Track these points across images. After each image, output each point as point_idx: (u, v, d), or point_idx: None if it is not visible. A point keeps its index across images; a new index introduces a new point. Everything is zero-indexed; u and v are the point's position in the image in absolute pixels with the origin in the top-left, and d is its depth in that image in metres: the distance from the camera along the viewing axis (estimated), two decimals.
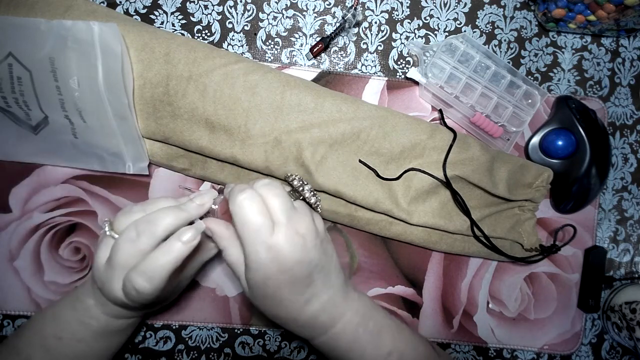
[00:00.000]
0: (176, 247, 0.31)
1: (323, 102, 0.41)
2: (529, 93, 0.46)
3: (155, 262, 0.31)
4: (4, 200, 0.44)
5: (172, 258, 0.31)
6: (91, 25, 0.36)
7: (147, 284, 0.31)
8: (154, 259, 0.31)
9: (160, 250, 0.31)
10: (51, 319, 0.37)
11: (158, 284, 0.31)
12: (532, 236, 0.46)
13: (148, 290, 0.31)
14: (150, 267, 0.31)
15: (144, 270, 0.31)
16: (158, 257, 0.31)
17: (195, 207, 0.34)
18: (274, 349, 0.47)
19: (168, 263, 0.31)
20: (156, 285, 0.31)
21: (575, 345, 0.49)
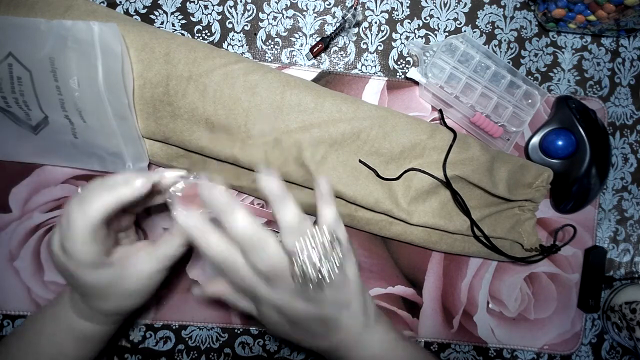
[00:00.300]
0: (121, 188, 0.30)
1: (323, 102, 0.41)
2: (529, 93, 0.46)
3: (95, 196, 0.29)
4: (4, 200, 0.44)
5: (113, 197, 0.29)
6: (91, 25, 0.36)
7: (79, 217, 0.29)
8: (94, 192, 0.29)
9: (103, 186, 0.30)
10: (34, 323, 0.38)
11: (91, 221, 0.29)
12: (532, 236, 0.46)
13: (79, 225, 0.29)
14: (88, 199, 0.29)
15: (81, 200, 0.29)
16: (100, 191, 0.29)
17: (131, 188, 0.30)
18: (274, 349, 0.47)
19: (108, 201, 0.29)
20: (89, 223, 0.29)
21: (575, 345, 0.49)
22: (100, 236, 0.31)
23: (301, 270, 0.29)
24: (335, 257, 0.31)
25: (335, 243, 0.31)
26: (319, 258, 0.30)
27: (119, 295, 0.34)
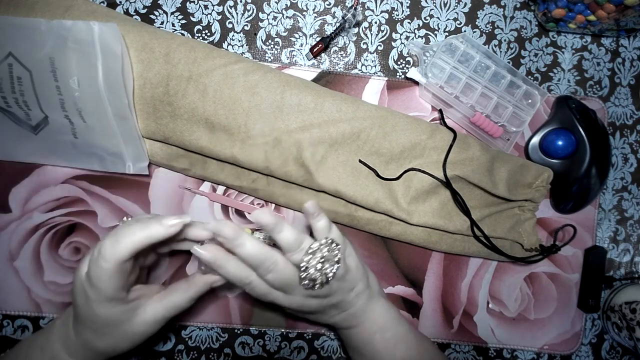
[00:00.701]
0: (153, 227, 0.31)
1: (323, 102, 0.41)
2: (529, 93, 0.46)
3: (129, 231, 0.31)
4: (4, 200, 0.44)
5: (146, 236, 0.31)
6: (91, 25, 0.36)
7: (111, 248, 0.30)
8: (128, 228, 0.31)
9: (138, 224, 0.31)
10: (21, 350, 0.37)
11: (122, 253, 0.30)
12: (532, 236, 0.46)
13: (109, 255, 0.30)
14: (121, 233, 0.31)
15: (115, 234, 0.31)
16: (133, 228, 0.31)
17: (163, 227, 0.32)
18: (274, 349, 0.47)
19: (142, 239, 0.31)
20: (119, 255, 0.30)
21: (575, 345, 0.49)
22: (126, 270, 0.32)
23: (310, 277, 0.34)
24: (336, 258, 0.35)
25: (332, 246, 0.35)
26: (322, 263, 0.34)
27: (118, 335, 0.34)
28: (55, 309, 0.44)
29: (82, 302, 0.33)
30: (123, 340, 0.35)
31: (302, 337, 0.47)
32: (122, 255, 0.31)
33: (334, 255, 0.35)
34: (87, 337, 0.34)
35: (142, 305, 0.34)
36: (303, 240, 0.35)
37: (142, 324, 0.34)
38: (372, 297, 0.40)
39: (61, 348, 0.36)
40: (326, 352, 0.47)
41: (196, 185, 0.46)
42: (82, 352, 0.35)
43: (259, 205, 0.46)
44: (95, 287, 0.31)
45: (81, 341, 0.35)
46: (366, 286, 0.40)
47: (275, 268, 0.34)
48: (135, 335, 0.35)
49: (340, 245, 0.36)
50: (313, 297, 0.36)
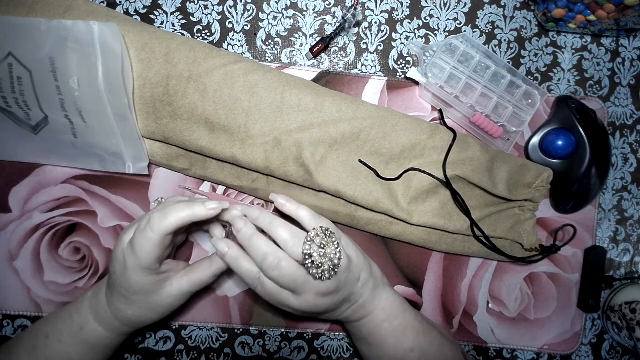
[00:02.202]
0: (197, 208, 0.34)
1: (323, 102, 0.41)
2: (529, 93, 0.46)
3: (176, 208, 0.34)
4: (4, 200, 0.44)
5: (190, 214, 0.34)
6: (91, 25, 0.36)
7: (159, 220, 0.33)
8: (175, 206, 0.34)
9: (183, 203, 0.35)
10: (49, 319, 0.39)
11: (168, 227, 0.33)
12: (532, 236, 0.46)
13: (157, 227, 0.33)
14: (169, 209, 0.34)
15: (164, 209, 0.34)
16: (180, 206, 0.34)
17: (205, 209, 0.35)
18: (274, 349, 0.47)
19: (186, 216, 0.34)
20: (165, 227, 0.33)
21: (575, 345, 0.49)
22: (166, 243, 0.35)
23: (316, 268, 0.34)
24: (335, 243, 0.36)
25: (327, 232, 0.36)
26: (323, 248, 0.35)
27: (146, 305, 0.37)
28: (55, 309, 0.44)
29: (120, 270, 0.35)
30: (150, 310, 0.37)
31: (302, 337, 0.47)
32: (167, 228, 0.33)
33: (332, 241, 0.35)
34: (118, 305, 0.37)
35: (169, 279, 0.37)
36: (300, 234, 0.35)
37: (168, 296, 0.37)
38: (377, 285, 0.40)
39: (91, 317, 0.38)
40: (326, 352, 0.47)
41: (196, 185, 0.46)
42: (111, 320, 0.37)
43: (258, 205, 0.46)
44: (136, 254, 0.34)
45: (112, 310, 0.37)
46: (370, 274, 0.40)
47: (279, 264, 0.34)
48: (160, 307, 0.37)
49: (335, 232, 0.37)
50: (324, 295, 0.36)
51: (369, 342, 0.41)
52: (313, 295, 0.36)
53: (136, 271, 0.35)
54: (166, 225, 0.33)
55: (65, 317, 0.38)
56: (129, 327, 0.38)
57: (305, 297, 0.36)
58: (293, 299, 0.36)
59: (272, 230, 0.35)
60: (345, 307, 0.39)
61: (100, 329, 0.38)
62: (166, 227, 0.33)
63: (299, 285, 0.35)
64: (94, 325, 0.38)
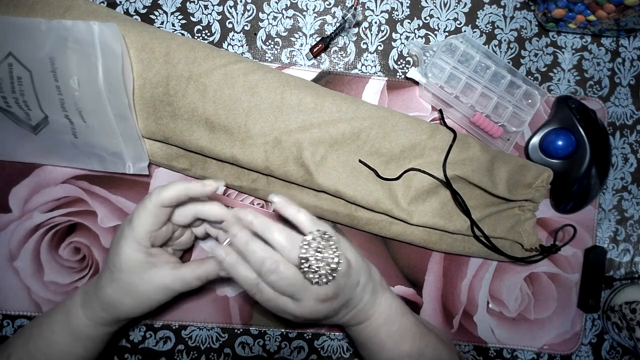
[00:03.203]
0: (193, 184, 0.36)
1: (323, 102, 0.41)
2: (529, 93, 0.46)
3: (174, 183, 0.36)
4: (4, 200, 0.44)
5: (186, 187, 0.35)
6: (91, 25, 0.36)
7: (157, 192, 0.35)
8: (175, 183, 0.36)
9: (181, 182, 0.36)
10: (46, 312, 0.39)
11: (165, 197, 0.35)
12: (532, 236, 0.46)
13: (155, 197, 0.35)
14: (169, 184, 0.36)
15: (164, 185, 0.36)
16: (178, 182, 0.36)
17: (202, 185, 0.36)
18: (274, 349, 0.47)
19: (182, 188, 0.35)
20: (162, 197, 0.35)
21: (575, 345, 0.49)
22: (161, 217, 0.36)
23: (313, 272, 0.34)
24: (333, 247, 0.35)
25: (325, 236, 0.35)
26: (320, 252, 0.34)
27: (125, 285, 0.36)
28: None
29: (116, 240, 0.36)
30: (127, 293, 0.36)
31: (302, 337, 0.47)
32: (163, 199, 0.35)
33: (329, 245, 0.35)
34: (102, 282, 0.37)
35: (156, 266, 0.37)
36: (296, 238, 0.35)
37: (149, 283, 0.36)
38: (376, 289, 0.40)
39: (78, 301, 0.38)
40: (326, 352, 0.47)
41: None
42: (93, 300, 0.37)
43: (258, 205, 0.46)
44: (132, 224, 0.35)
45: (96, 288, 0.37)
46: (369, 278, 0.39)
47: (277, 268, 0.34)
48: (138, 293, 0.36)
49: (334, 236, 0.36)
50: (323, 301, 0.35)
51: (368, 347, 0.40)
52: (312, 300, 0.35)
53: (128, 242, 0.35)
54: (163, 195, 0.35)
55: (59, 307, 0.39)
56: (105, 312, 0.37)
57: (305, 303, 0.35)
58: (292, 305, 0.35)
59: (268, 234, 0.35)
60: (344, 312, 0.39)
61: (81, 312, 0.37)
62: (162, 198, 0.35)
63: (298, 290, 0.34)
64: (78, 309, 0.37)
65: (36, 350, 0.37)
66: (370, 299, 0.39)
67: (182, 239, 0.41)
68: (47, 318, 0.38)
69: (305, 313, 0.36)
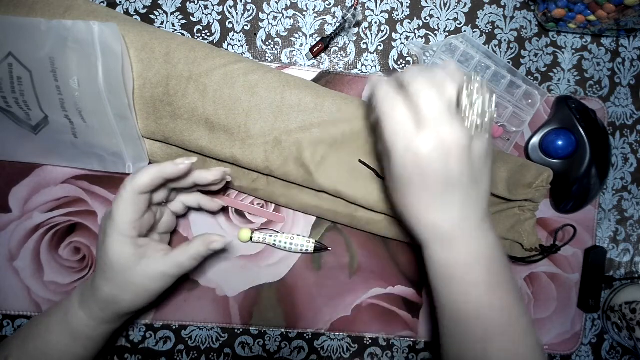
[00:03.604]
0: (166, 165, 0.35)
1: (323, 102, 0.41)
2: (529, 93, 0.46)
3: (147, 168, 0.35)
4: (4, 200, 0.44)
5: (159, 169, 0.35)
6: (91, 25, 0.36)
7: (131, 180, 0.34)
8: (147, 167, 0.35)
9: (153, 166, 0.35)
10: (44, 311, 0.40)
11: (139, 184, 0.34)
12: (532, 236, 0.46)
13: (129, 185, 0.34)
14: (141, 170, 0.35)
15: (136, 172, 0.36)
16: (150, 168, 0.35)
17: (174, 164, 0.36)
18: (274, 349, 0.47)
19: (156, 171, 0.35)
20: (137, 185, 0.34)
21: (575, 345, 0.49)
22: (140, 204, 0.35)
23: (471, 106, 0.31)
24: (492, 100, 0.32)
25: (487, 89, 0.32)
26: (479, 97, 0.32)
27: (121, 282, 0.36)
28: None
29: (101, 238, 0.36)
30: (125, 289, 0.36)
31: (302, 337, 0.47)
32: (139, 185, 0.34)
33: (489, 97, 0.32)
34: (98, 282, 0.36)
35: (146, 256, 0.36)
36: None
37: (144, 275, 0.36)
38: (488, 218, 0.34)
39: (76, 301, 0.38)
40: (326, 352, 0.47)
41: None
42: (91, 301, 0.37)
43: (258, 205, 0.46)
44: (112, 218, 0.35)
45: (93, 288, 0.37)
46: (484, 199, 0.33)
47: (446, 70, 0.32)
48: (135, 287, 0.36)
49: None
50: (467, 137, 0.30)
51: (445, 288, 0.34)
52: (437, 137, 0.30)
53: (113, 237, 0.35)
54: (137, 182, 0.34)
55: (56, 307, 0.39)
56: (105, 311, 0.37)
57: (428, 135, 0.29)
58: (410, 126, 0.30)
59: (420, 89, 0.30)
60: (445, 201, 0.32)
61: (81, 313, 0.37)
62: (137, 185, 0.34)
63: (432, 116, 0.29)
64: (77, 309, 0.37)
65: (35, 351, 0.37)
66: (479, 220, 0.33)
67: (164, 220, 0.40)
68: (45, 318, 0.38)
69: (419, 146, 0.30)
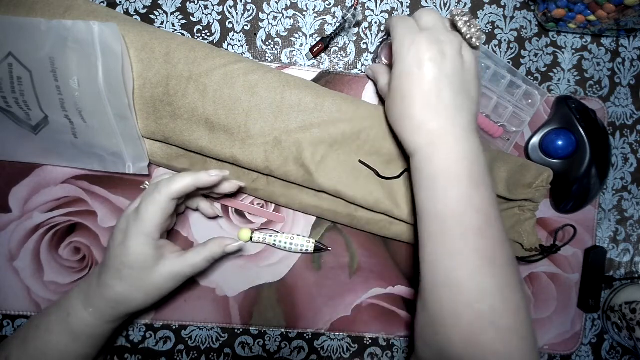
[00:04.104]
0: (201, 175, 0.37)
1: (323, 102, 0.41)
2: (529, 93, 0.46)
3: (182, 175, 0.37)
4: (4, 200, 0.44)
5: (195, 178, 0.36)
6: (91, 25, 0.36)
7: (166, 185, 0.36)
8: (181, 174, 0.37)
9: (187, 174, 0.37)
10: (42, 311, 0.39)
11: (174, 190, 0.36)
12: (532, 236, 0.46)
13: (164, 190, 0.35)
14: (175, 177, 0.36)
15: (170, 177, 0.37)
16: (185, 174, 0.37)
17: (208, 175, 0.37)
18: (274, 349, 0.47)
19: (191, 180, 0.36)
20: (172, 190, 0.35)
21: (575, 345, 0.49)
22: (170, 210, 0.36)
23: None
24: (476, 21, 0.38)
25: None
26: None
27: (136, 281, 0.36)
28: None
29: (120, 238, 0.36)
30: (139, 288, 0.37)
31: (302, 337, 0.47)
32: (174, 191, 0.36)
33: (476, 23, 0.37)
34: (109, 282, 0.36)
35: (163, 257, 0.37)
36: None
37: (160, 275, 0.37)
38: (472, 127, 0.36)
39: (79, 301, 0.38)
40: (326, 352, 0.47)
41: None
42: (98, 302, 0.37)
43: (258, 205, 0.46)
44: (141, 218, 0.35)
45: (101, 289, 0.37)
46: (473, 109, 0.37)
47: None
48: (150, 286, 0.37)
49: None
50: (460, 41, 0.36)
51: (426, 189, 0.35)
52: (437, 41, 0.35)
53: (137, 237, 0.35)
54: (173, 188, 0.35)
55: (55, 307, 0.38)
56: (114, 310, 0.37)
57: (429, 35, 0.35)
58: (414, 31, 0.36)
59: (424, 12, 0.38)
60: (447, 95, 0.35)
61: (85, 314, 0.37)
62: (172, 190, 0.35)
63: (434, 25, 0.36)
64: (80, 310, 0.37)
65: (35, 351, 0.37)
66: (460, 122, 0.35)
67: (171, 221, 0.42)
68: (44, 319, 0.38)
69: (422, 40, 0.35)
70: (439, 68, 0.34)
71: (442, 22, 0.37)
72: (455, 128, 0.35)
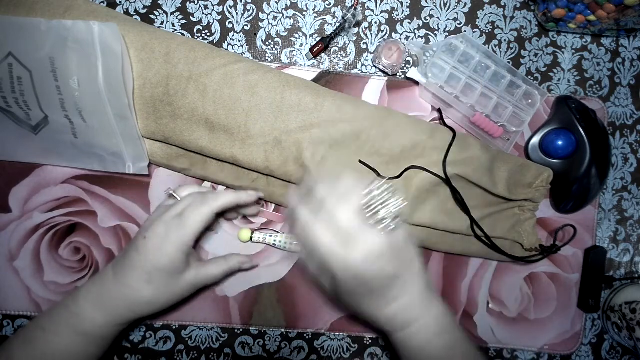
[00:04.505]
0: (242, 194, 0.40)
1: (323, 102, 0.41)
2: (529, 93, 0.46)
3: (224, 193, 0.39)
4: (4, 200, 0.44)
5: (236, 196, 0.40)
6: (91, 25, 0.36)
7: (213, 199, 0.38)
8: (225, 193, 0.39)
9: (229, 192, 0.40)
10: (45, 312, 0.39)
11: (219, 205, 0.38)
12: (532, 236, 0.46)
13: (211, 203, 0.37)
14: (219, 194, 0.39)
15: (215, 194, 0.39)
16: (228, 194, 0.39)
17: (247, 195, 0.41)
18: (274, 349, 0.47)
19: (234, 198, 0.39)
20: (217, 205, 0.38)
21: (575, 345, 0.49)
22: (209, 222, 0.38)
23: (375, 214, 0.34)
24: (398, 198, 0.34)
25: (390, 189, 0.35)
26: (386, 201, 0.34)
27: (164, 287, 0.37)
28: None
29: (157, 244, 0.36)
30: (166, 292, 0.38)
31: (302, 337, 0.47)
32: (218, 207, 0.38)
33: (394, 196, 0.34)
34: (135, 285, 0.37)
35: (190, 265, 0.39)
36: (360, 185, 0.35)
37: (184, 282, 0.39)
38: (430, 289, 0.37)
39: (89, 303, 0.37)
40: (326, 352, 0.47)
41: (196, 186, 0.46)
42: (115, 305, 0.37)
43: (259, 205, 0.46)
44: (184, 226, 0.37)
45: (124, 289, 0.37)
46: (423, 271, 0.36)
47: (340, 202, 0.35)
48: (173, 292, 0.39)
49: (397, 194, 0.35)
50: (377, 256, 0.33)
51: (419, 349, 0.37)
52: (366, 248, 0.33)
53: (177, 245, 0.36)
54: (218, 204, 0.38)
55: (61, 309, 0.38)
56: (131, 312, 0.38)
57: (360, 249, 0.33)
58: (339, 249, 0.33)
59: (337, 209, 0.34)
60: (391, 296, 0.35)
61: (98, 315, 0.37)
62: (217, 205, 0.38)
63: (353, 233, 0.33)
64: (92, 312, 0.37)
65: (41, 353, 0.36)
66: (422, 296, 0.36)
67: None
68: (48, 319, 0.38)
69: (355, 261, 0.33)
70: (380, 269, 0.34)
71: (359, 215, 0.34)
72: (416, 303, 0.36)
